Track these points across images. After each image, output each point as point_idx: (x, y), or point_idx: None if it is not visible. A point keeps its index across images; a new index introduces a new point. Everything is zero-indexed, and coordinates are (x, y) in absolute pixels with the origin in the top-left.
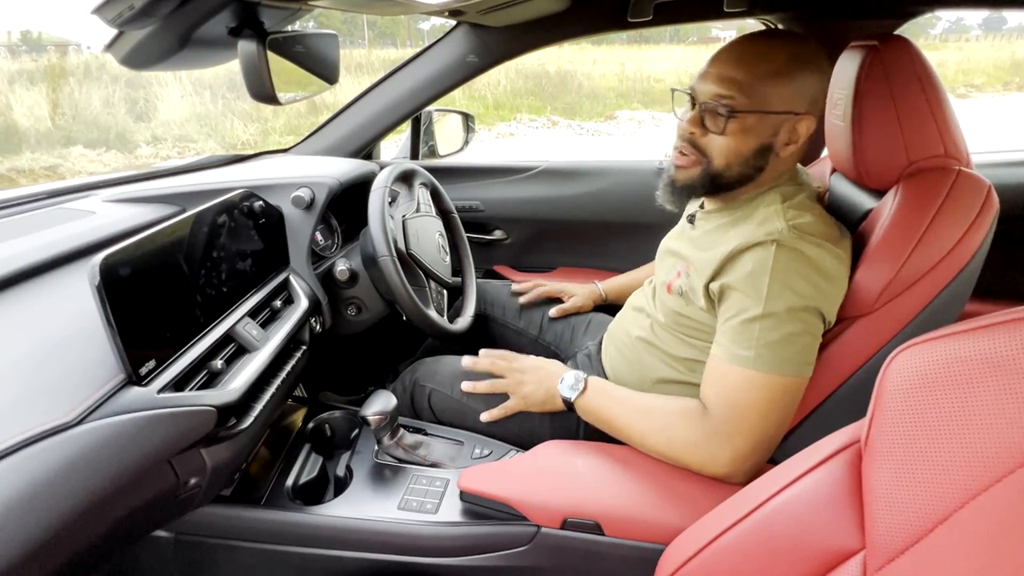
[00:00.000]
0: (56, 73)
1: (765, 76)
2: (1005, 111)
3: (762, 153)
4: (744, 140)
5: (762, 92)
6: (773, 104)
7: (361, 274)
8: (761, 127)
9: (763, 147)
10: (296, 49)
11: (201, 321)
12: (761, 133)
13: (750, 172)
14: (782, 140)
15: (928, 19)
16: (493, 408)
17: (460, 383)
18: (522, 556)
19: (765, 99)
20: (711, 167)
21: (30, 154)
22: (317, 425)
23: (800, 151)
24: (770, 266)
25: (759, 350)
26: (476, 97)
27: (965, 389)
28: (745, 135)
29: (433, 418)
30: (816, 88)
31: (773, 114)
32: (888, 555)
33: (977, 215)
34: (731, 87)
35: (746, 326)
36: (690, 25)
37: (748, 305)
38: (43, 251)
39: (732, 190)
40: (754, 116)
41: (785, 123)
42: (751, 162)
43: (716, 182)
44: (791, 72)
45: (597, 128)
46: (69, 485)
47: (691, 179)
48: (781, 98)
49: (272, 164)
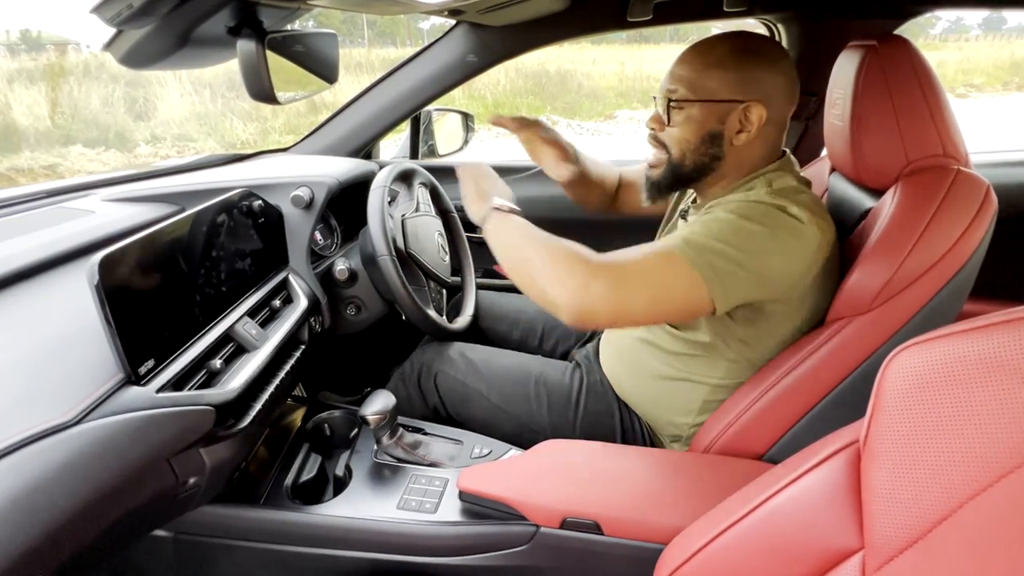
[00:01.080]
0: (55, 72)
1: (705, 68)
2: (1004, 111)
3: (712, 140)
4: (691, 128)
5: (702, 83)
6: (714, 93)
7: (360, 273)
8: (705, 115)
9: (711, 135)
10: (295, 48)
11: (200, 320)
12: (706, 121)
13: (706, 160)
14: (732, 128)
15: (928, 19)
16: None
17: (467, 367)
18: (521, 556)
19: (704, 88)
20: (671, 159)
21: (29, 153)
22: (316, 424)
23: (762, 140)
24: (739, 207)
25: (686, 245)
26: (476, 96)
27: (964, 389)
28: (691, 124)
29: (438, 399)
30: (768, 79)
31: (714, 102)
32: (887, 555)
33: (975, 215)
34: (676, 82)
35: (697, 230)
36: (690, 25)
37: (698, 229)
38: (42, 250)
39: (696, 180)
40: (696, 105)
41: (732, 111)
42: (702, 149)
43: (677, 173)
44: (732, 63)
45: (597, 127)
46: (68, 485)
47: (661, 175)
48: (720, 86)
49: (271, 163)
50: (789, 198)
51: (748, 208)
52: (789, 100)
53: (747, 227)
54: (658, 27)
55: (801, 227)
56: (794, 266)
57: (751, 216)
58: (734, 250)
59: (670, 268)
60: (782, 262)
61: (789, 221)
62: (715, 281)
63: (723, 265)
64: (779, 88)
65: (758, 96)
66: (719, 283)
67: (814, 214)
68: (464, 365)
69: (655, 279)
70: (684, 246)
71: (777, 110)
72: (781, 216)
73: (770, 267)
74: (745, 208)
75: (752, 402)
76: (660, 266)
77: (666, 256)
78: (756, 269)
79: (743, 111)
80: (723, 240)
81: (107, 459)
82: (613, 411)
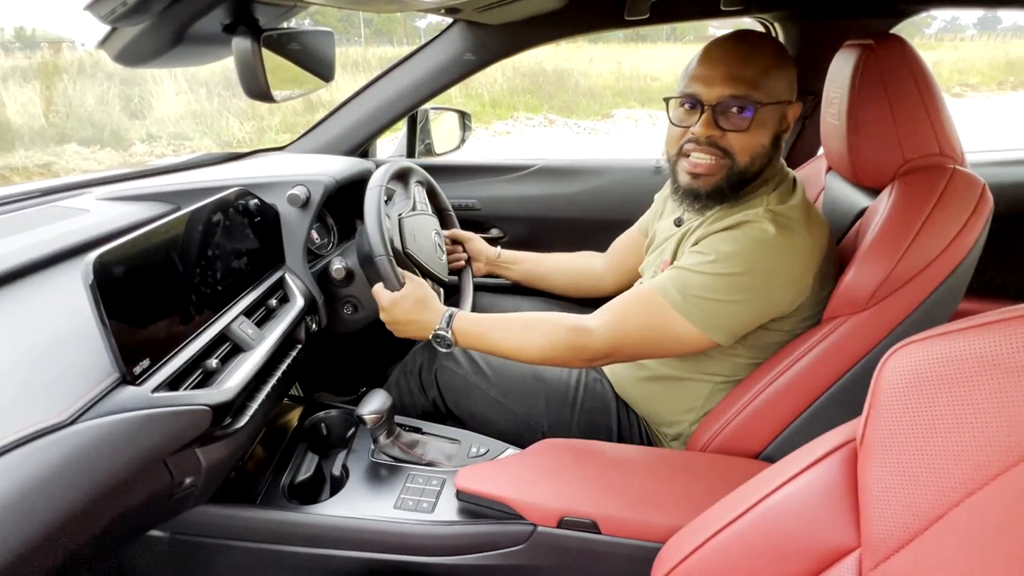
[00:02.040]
0: (50, 70)
1: (767, 69)
2: (1000, 110)
3: (775, 143)
4: (763, 133)
5: (769, 85)
6: (777, 94)
7: (357, 273)
8: (773, 118)
9: (775, 137)
10: (291, 46)
11: (196, 320)
12: (773, 124)
13: (766, 163)
14: (783, 128)
15: (923, 18)
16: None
17: (467, 362)
18: (519, 555)
19: (773, 90)
20: (736, 165)
21: (24, 152)
22: (313, 424)
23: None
24: (736, 238)
25: (690, 299)
26: (473, 95)
27: (960, 388)
28: (764, 128)
29: (437, 392)
30: (796, 78)
31: (781, 104)
32: (883, 553)
33: (971, 214)
34: (743, 85)
35: (693, 275)
36: (687, 24)
37: (704, 260)
38: (36, 249)
39: (748, 184)
40: (768, 108)
41: (787, 111)
42: (768, 153)
43: (743, 178)
44: (782, 63)
45: (594, 126)
46: (63, 485)
47: (717, 183)
48: (780, 88)
49: (267, 162)
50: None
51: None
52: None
53: (735, 270)
54: (655, 26)
55: (787, 243)
56: (791, 285)
57: (737, 253)
58: (728, 298)
59: (670, 323)
60: (781, 289)
61: (774, 241)
62: (716, 329)
63: (721, 311)
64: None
65: (794, 95)
66: (720, 328)
67: (806, 220)
68: (465, 360)
69: (656, 336)
70: (681, 301)
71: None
72: (766, 238)
73: (768, 295)
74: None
75: (749, 401)
76: (659, 323)
77: (664, 313)
78: (756, 304)
79: (789, 111)
80: (715, 289)
81: (102, 459)
82: (611, 409)
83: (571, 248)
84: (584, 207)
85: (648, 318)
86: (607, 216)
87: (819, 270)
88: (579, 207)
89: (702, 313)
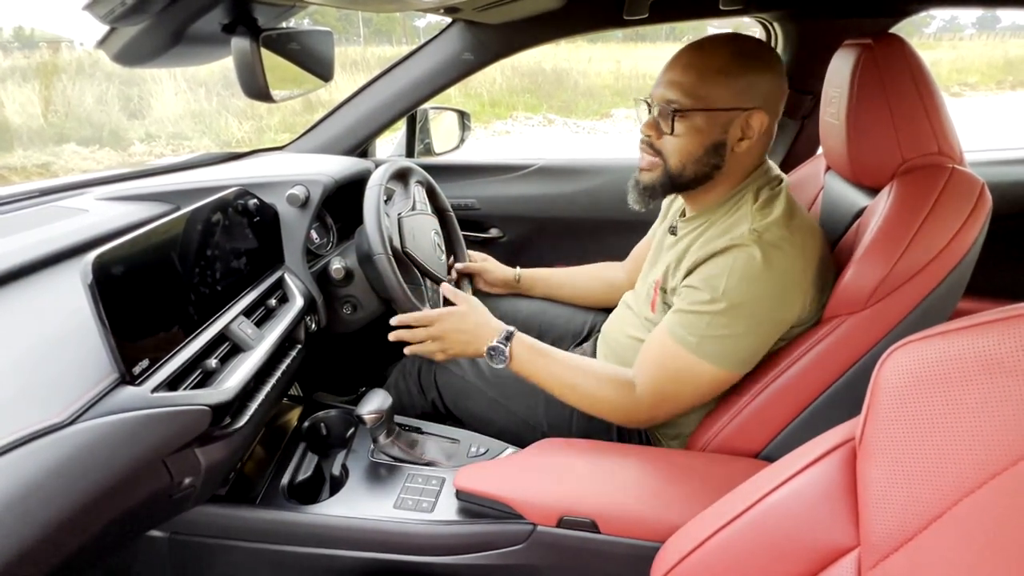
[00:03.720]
0: (49, 70)
1: (707, 76)
2: (998, 110)
3: (715, 150)
4: (694, 139)
5: (705, 91)
6: (718, 101)
7: (356, 272)
8: (710, 125)
9: (715, 144)
10: (290, 46)
11: (195, 320)
12: (711, 131)
13: (706, 170)
14: (734, 136)
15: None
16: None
17: (466, 363)
18: (518, 554)
19: (708, 97)
20: (668, 168)
21: (22, 152)
22: (312, 424)
23: (760, 146)
24: (728, 268)
25: (703, 339)
26: (472, 95)
27: (959, 387)
28: (695, 134)
29: (436, 394)
30: (767, 84)
31: (719, 111)
32: (882, 552)
33: (970, 213)
34: (676, 90)
35: (698, 316)
36: (686, 23)
37: (702, 299)
38: (35, 249)
39: (692, 189)
40: (700, 115)
41: (735, 119)
42: (705, 160)
43: (674, 182)
44: (733, 70)
45: (593, 126)
46: (62, 485)
47: (652, 180)
48: (726, 95)
49: (267, 162)
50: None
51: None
52: (782, 104)
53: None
54: (654, 25)
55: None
56: (790, 305)
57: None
58: (736, 330)
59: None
60: (781, 309)
61: (767, 268)
62: (735, 363)
63: (734, 345)
64: (775, 93)
65: (760, 103)
66: (738, 361)
67: (792, 233)
68: (465, 361)
69: (690, 391)
70: (696, 344)
71: (774, 115)
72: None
73: (771, 319)
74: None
75: (748, 400)
76: (691, 379)
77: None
78: (763, 329)
79: (745, 119)
80: (723, 326)
81: (102, 459)
82: None
83: (570, 247)
84: (583, 206)
85: (674, 371)
86: (606, 215)
87: (815, 280)
88: (578, 206)
89: (716, 352)
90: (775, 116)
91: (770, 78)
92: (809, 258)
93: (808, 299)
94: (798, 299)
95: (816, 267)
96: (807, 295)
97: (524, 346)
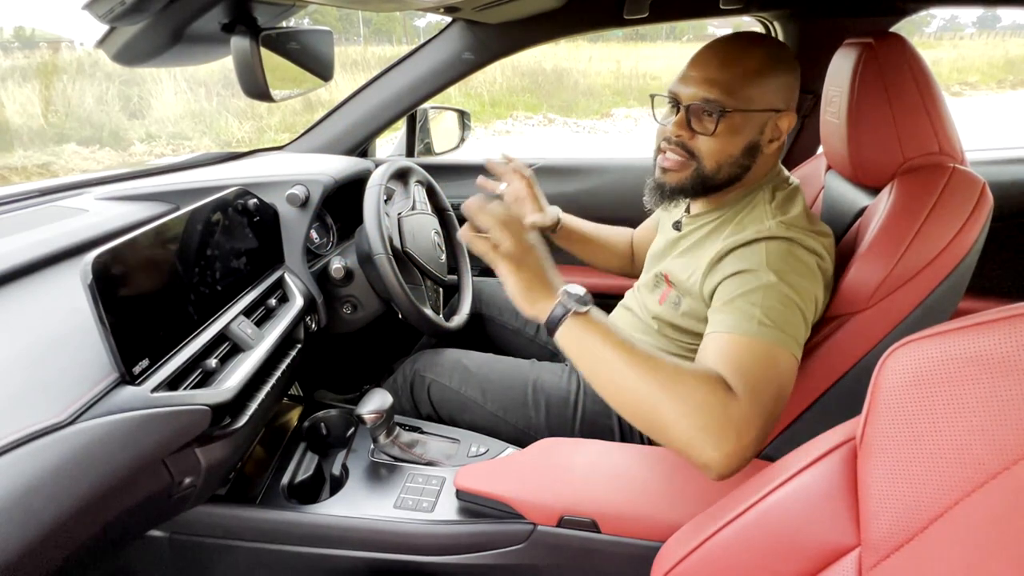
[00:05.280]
0: (49, 70)
1: (746, 76)
2: (999, 109)
3: (750, 152)
4: (733, 140)
5: (746, 92)
6: (756, 102)
7: (356, 272)
8: (748, 126)
9: (750, 146)
10: (290, 46)
11: (195, 320)
12: (748, 132)
13: (739, 172)
14: (767, 137)
15: (923, 17)
16: (496, 399)
17: (461, 375)
18: (518, 554)
19: (749, 98)
20: (702, 169)
21: (23, 152)
22: (313, 424)
23: (783, 146)
24: (764, 254)
25: (763, 317)
26: (472, 95)
27: (959, 387)
28: (733, 135)
29: (431, 409)
30: (794, 86)
31: (757, 112)
32: (883, 552)
33: (971, 213)
34: (716, 89)
35: (747, 296)
36: (686, 22)
37: (747, 281)
38: (35, 249)
39: (721, 190)
40: (741, 115)
41: (769, 120)
42: (740, 161)
43: (707, 184)
44: (769, 70)
45: (593, 125)
46: (62, 485)
47: (681, 182)
48: (763, 96)
49: (267, 162)
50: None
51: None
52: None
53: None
54: (654, 25)
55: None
56: (817, 291)
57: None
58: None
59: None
60: (813, 292)
61: (802, 251)
62: (793, 342)
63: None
64: (797, 94)
65: (790, 104)
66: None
67: (812, 226)
68: (458, 373)
69: (776, 383)
70: (758, 327)
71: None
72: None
73: (807, 300)
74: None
75: None
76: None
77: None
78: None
79: (775, 120)
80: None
81: (102, 459)
82: (611, 411)
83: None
84: (583, 206)
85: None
86: (606, 215)
87: (829, 280)
88: (578, 206)
89: (778, 333)
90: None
91: (795, 80)
92: (827, 256)
93: (823, 296)
94: (820, 289)
95: (831, 266)
96: (823, 292)
97: (601, 315)
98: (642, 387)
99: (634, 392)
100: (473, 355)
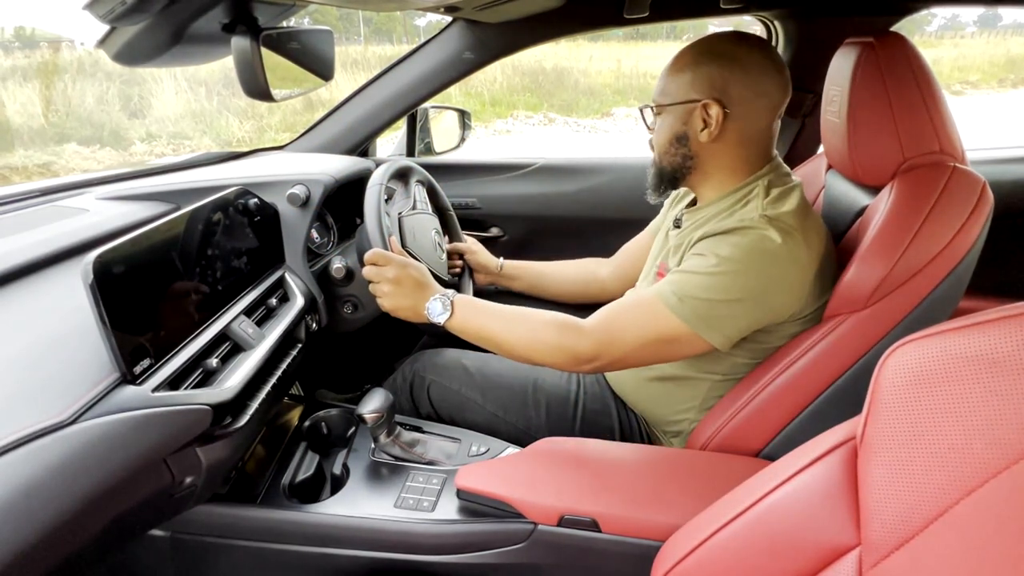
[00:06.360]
0: (49, 70)
1: (670, 74)
2: (1000, 108)
3: (679, 141)
4: (661, 132)
5: (668, 88)
6: (674, 96)
7: (357, 271)
8: (672, 119)
9: (678, 136)
10: (291, 45)
11: (196, 319)
12: (673, 124)
13: (679, 160)
14: (696, 127)
15: (924, 16)
16: (496, 399)
17: (461, 375)
18: (519, 553)
19: (668, 92)
20: (656, 161)
21: (23, 151)
22: (313, 423)
23: (742, 139)
24: (735, 243)
25: (684, 298)
26: (472, 94)
27: (960, 386)
28: (663, 128)
29: (431, 409)
30: (724, 77)
31: (675, 104)
32: (883, 551)
33: (972, 212)
34: (656, 92)
35: (689, 276)
36: (686, 22)
37: (702, 263)
38: (36, 249)
39: (681, 180)
40: (664, 109)
41: (692, 111)
42: (672, 151)
43: (662, 175)
44: (688, 66)
45: (594, 125)
46: (63, 485)
47: (651, 174)
48: (679, 89)
49: (267, 161)
50: (780, 213)
51: (736, 246)
52: (765, 98)
53: (734, 270)
54: (655, 24)
55: (788, 251)
56: (789, 292)
57: (738, 256)
58: (724, 298)
59: (664, 325)
60: (777, 295)
61: (776, 249)
62: (711, 331)
63: (716, 313)
64: (742, 85)
65: (714, 94)
66: (716, 330)
67: (802, 226)
68: (458, 373)
69: (650, 336)
70: (677, 303)
71: (743, 107)
72: (769, 245)
73: (766, 301)
74: (733, 246)
75: (749, 399)
76: (653, 325)
77: (658, 315)
78: (752, 307)
79: (703, 109)
80: (712, 289)
81: (103, 459)
82: (611, 410)
83: (571, 246)
84: (584, 205)
85: (642, 320)
86: (607, 215)
87: (815, 277)
88: (579, 205)
89: (697, 314)
90: (748, 109)
91: (730, 71)
92: (814, 254)
93: (806, 294)
94: (796, 291)
95: (819, 265)
96: (805, 290)
97: (467, 300)
98: (507, 339)
99: (503, 344)
100: (473, 355)
